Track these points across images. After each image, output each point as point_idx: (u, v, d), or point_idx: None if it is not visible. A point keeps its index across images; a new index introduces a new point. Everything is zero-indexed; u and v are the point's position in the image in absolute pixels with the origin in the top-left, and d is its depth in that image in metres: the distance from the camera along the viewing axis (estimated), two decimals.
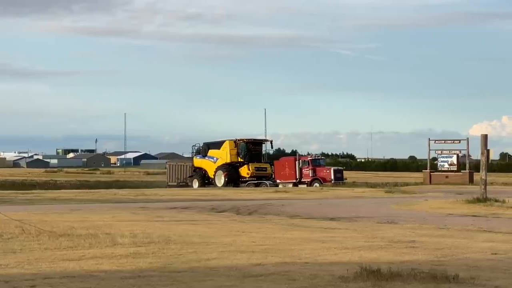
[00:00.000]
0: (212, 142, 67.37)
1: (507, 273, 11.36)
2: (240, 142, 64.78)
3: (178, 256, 13.34)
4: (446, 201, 34.03)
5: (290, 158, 64.91)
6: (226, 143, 65.04)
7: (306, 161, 62.19)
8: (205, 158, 65.93)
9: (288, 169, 62.17)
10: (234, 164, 64.12)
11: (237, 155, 64.37)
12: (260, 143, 67.33)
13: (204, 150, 66.29)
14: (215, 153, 65.35)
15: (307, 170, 61.40)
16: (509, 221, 23.22)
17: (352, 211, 28.09)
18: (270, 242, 15.83)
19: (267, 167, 65.23)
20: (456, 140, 69.50)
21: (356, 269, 10.90)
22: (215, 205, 31.59)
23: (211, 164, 65.06)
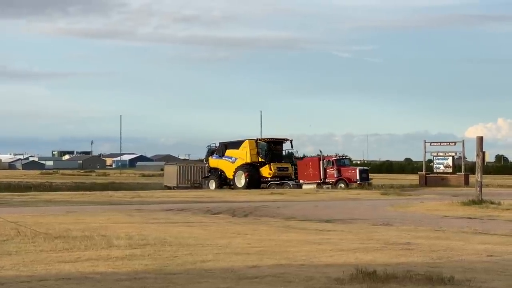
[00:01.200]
0: (230, 142, 65.37)
1: (502, 275, 11.36)
2: (261, 142, 63.09)
3: (173, 258, 13.34)
4: (441, 203, 34.04)
5: (314, 158, 62.46)
6: (246, 142, 62.94)
7: (330, 161, 59.98)
8: (222, 158, 63.76)
9: (312, 169, 60.19)
10: (254, 164, 61.98)
11: (257, 155, 62.16)
12: (281, 142, 64.52)
13: (221, 150, 64.11)
14: (234, 153, 63.19)
15: (331, 170, 59.42)
16: (504, 223, 23.24)
17: (347, 213, 28.09)
18: (266, 244, 15.82)
19: (288, 167, 62.93)
20: (452, 142, 69.55)
21: (352, 271, 10.90)
22: (210, 207, 31.57)
23: (229, 165, 62.95)
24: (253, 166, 61.82)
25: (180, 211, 28.75)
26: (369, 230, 20.26)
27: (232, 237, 17.51)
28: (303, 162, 62.15)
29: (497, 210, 29.31)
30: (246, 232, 19.18)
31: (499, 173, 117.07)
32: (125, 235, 17.37)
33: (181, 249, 14.79)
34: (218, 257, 13.49)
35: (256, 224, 22.62)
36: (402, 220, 24.23)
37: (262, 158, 62.02)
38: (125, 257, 13.42)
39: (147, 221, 22.88)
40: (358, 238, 17.53)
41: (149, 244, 15.55)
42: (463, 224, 22.76)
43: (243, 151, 62.51)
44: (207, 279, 10.86)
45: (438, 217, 26.29)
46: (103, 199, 40.12)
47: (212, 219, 24.67)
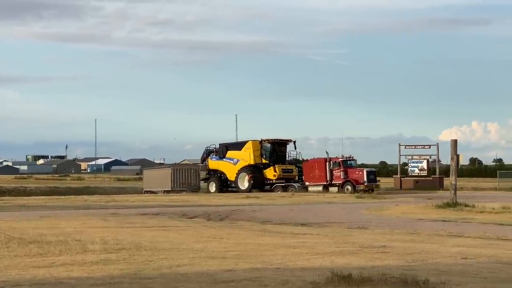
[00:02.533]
0: (231, 143, 64.45)
1: (476, 277, 11.43)
2: (265, 143, 61.39)
3: (149, 262, 13.29)
4: (416, 206, 34.21)
5: (320, 159, 60.03)
6: (249, 143, 61.60)
7: (337, 162, 58.20)
8: (223, 160, 62.32)
9: (318, 171, 58.54)
10: (258, 165, 60.69)
11: (261, 156, 60.82)
12: (285, 143, 62.88)
13: (222, 151, 62.65)
14: (236, 154, 61.77)
15: (338, 171, 57.84)
16: (478, 226, 23.38)
17: (323, 217, 28.15)
18: (241, 248, 15.81)
19: (293, 168, 61.52)
20: (426, 146, 69.91)
21: (327, 275, 10.91)
22: (186, 211, 31.52)
23: (231, 166, 61.56)
24: (257, 167, 60.63)
25: (155, 215, 28.69)
26: (345, 233, 20.31)
27: (208, 241, 17.49)
28: (309, 164, 60.51)
29: (471, 213, 29.51)
30: (222, 236, 19.16)
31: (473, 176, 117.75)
32: (100, 239, 17.29)
33: (157, 253, 14.75)
34: (193, 261, 13.47)
35: (232, 228, 22.61)
36: (377, 223, 24.31)
37: (266, 160, 60.74)
38: (100, 261, 13.35)
39: (122, 226, 22.80)
40: (334, 241, 17.56)
41: (124, 249, 15.49)
42: (438, 227, 22.86)
43: (246, 153, 61.18)
44: (182, 283, 10.83)
45: (413, 220, 26.40)
46: (78, 204, 39.94)
47: (188, 223, 24.64)
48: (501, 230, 21.67)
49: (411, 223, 24.70)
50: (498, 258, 13.96)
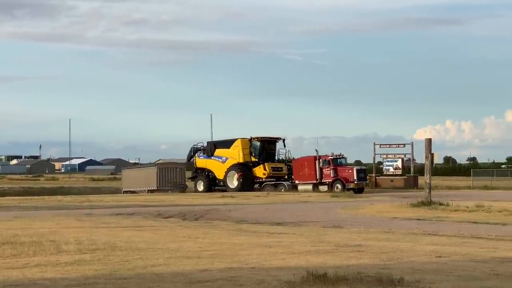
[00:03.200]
0: (219, 141, 63.68)
1: (451, 276, 11.49)
2: (254, 141, 60.88)
3: (124, 262, 13.24)
4: (391, 205, 34.36)
5: (309, 157, 59.34)
6: (238, 141, 61.04)
7: (327, 160, 57.68)
8: (211, 158, 61.82)
9: (308, 169, 58.06)
10: (247, 164, 60.18)
11: (250, 155, 60.36)
12: (274, 141, 62.50)
13: (210, 149, 62.21)
14: (224, 152, 61.24)
15: (328, 170, 57.28)
16: (453, 224, 23.51)
17: (298, 216, 28.18)
18: (217, 248, 15.80)
19: (282, 167, 61.00)
20: (401, 144, 70.25)
21: (303, 274, 10.93)
22: (161, 211, 31.44)
23: (219, 165, 61.04)
24: (246, 166, 60.05)
25: (130, 215, 28.60)
26: (320, 232, 20.34)
27: (183, 241, 17.46)
28: (298, 162, 59.99)
29: (445, 211, 29.67)
30: (197, 235, 19.14)
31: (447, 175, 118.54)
32: (74, 240, 17.21)
33: (132, 253, 14.70)
34: (169, 261, 13.43)
35: (207, 227, 22.59)
36: (353, 222, 24.38)
37: (255, 158, 60.23)
38: (74, 262, 13.29)
39: (97, 226, 22.71)
40: (309, 240, 17.59)
41: (99, 249, 15.43)
42: (413, 225, 22.97)
43: (235, 151, 60.65)
44: (158, 283, 10.80)
45: (388, 219, 26.50)
46: (52, 204, 39.73)
47: (163, 223, 24.58)
48: (475, 228, 21.80)
49: (386, 222, 24.80)
50: (472, 256, 14.05)
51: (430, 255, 14.27)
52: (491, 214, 27.77)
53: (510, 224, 23.42)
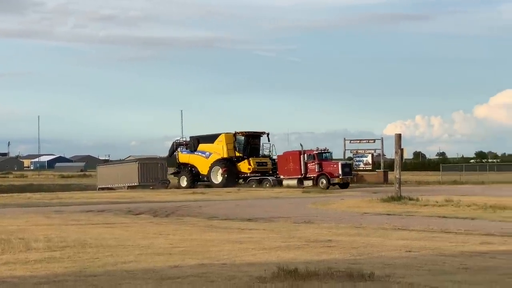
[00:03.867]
0: (203, 136, 62.51)
1: (420, 270, 11.56)
2: (239, 135, 60.19)
3: (94, 260, 13.19)
4: (361, 200, 34.48)
5: (294, 152, 58.14)
6: (222, 136, 60.23)
7: (311, 155, 56.56)
8: (194, 153, 61.14)
9: (293, 164, 56.91)
10: (232, 159, 59.45)
11: (234, 149, 59.64)
12: (259, 136, 61.66)
13: (193, 144, 61.49)
14: (208, 147, 60.52)
15: (312, 164, 56.15)
16: (422, 219, 23.65)
17: (269, 212, 28.22)
18: (188, 244, 15.78)
19: (267, 161, 60.25)
20: (371, 140, 70.43)
21: (274, 270, 10.94)
22: (131, 208, 31.34)
23: (203, 160, 60.38)
24: (231, 161, 59.46)
25: (100, 212, 28.48)
26: (291, 228, 20.38)
27: (154, 238, 17.41)
28: (283, 157, 58.87)
29: (415, 206, 29.84)
30: (168, 232, 19.10)
31: (417, 170, 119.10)
32: (44, 237, 17.11)
33: (102, 250, 14.64)
34: (139, 258, 13.39)
35: (178, 224, 22.55)
36: (323, 218, 24.46)
37: (240, 153, 59.60)
38: (44, 260, 13.21)
39: (67, 223, 22.59)
40: (280, 236, 17.62)
41: (68, 246, 15.35)
42: (383, 220, 23.08)
43: (218, 146, 60.00)
44: (128, 280, 10.77)
45: (358, 214, 26.61)
46: (21, 201, 39.44)
47: (134, 220, 24.51)
48: (444, 223, 21.96)
49: (357, 217, 24.90)
50: (441, 251, 14.15)
51: (400, 250, 14.35)
52: (460, 209, 27.98)
53: (479, 219, 23.62)
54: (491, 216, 24.69)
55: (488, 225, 21.00)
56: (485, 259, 12.93)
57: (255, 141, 61.31)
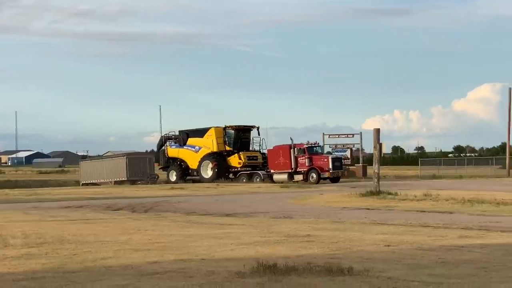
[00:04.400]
0: (192, 130, 61.81)
1: (399, 264, 11.61)
2: (229, 129, 59.59)
3: (72, 256, 13.14)
4: (340, 194, 34.56)
5: (284, 146, 57.21)
6: (211, 130, 59.70)
7: (301, 149, 55.73)
8: (183, 147, 60.59)
9: (283, 158, 56.12)
10: (222, 153, 58.96)
11: (224, 144, 59.12)
12: (249, 130, 60.99)
13: (182, 138, 60.90)
14: (197, 141, 60.00)
15: (303, 159, 55.32)
16: (401, 213, 23.75)
17: (248, 207, 28.23)
18: (167, 240, 15.76)
19: (257, 155, 59.59)
20: (350, 135, 70.62)
21: (253, 265, 10.95)
22: (110, 203, 31.27)
23: (192, 154, 59.84)
24: (221, 155, 58.83)
25: (79, 208, 28.39)
26: (270, 223, 20.40)
27: (133, 233, 17.37)
28: (274, 151, 58.06)
29: (394, 201, 29.95)
30: (147, 227, 19.07)
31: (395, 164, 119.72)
32: (21, 234, 17.04)
33: (80, 246, 14.59)
34: (118, 253, 13.36)
35: (157, 219, 22.51)
36: (302, 213, 24.49)
37: (230, 147, 58.99)
38: (21, 256, 13.15)
39: (45, 219, 22.50)
40: (259, 231, 17.63)
41: (46, 243, 15.29)
42: (362, 215, 23.15)
43: (208, 140, 59.39)
44: (107, 276, 10.74)
45: (337, 209, 26.67)
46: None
47: (112, 216, 24.45)
48: (423, 217, 22.06)
49: (335, 212, 24.95)
50: (420, 245, 14.21)
51: (379, 244, 14.40)
52: (438, 203, 28.11)
53: (457, 213, 23.75)
54: (469, 210, 24.84)
55: (466, 219, 21.11)
56: (463, 252, 13.00)
57: (246, 135, 60.64)
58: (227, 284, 9.88)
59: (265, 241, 15.26)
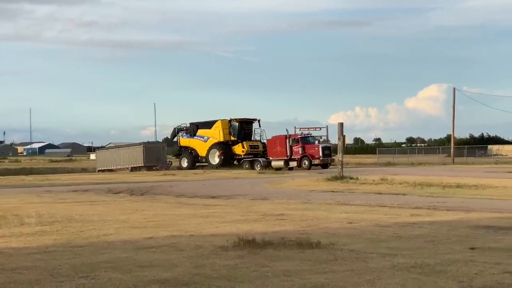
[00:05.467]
0: (201, 122, 60.95)
1: (360, 238, 11.64)
2: (233, 122, 58.67)
3: (79, 233, 13.08)
4: (309, 179, 34.58)
5: (281, 136, 56.09)
6: (218, 122, 58.87)
7: (296, 138, 54.72)
8: (193, 138, 59.80)
9: (280, 147, 55.05)
10: (227, 142, 58.14)
11: (229, 134, 58.29)
12: (251, 122, 59.94)
13: (193, 130, 60.10)
14: (206, 132, 59.30)
15: (297, 147, 54.23)
16: (361, 195, 23.79)
17: (230, 190, 28.17)
18: (160, 219, 15.71)
19: (259, 144, 58.46)
20: (317, 128, 70.36)
21: (234, 240, 10.94)
22: (111, 188, 31.11)
23: (202, 144, 59.11)
24: (226, 144, 58.24)
25: (84, 192, 28.22)
26: (249, 204, 20.37)
27: (131, 213, 17.30)
28: (272, 140, 56.71)
29: (355, 184, 30.02)
30: (143, 208, 19.00)
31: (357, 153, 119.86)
32: (35, 214, 16.93)
33: (86, 224, 14.52)
34: (118, 231, 13.31)
35: (152, 201, 22.43)
36: (277, 195, 24.47)
37: (234, 137, 58.35)
38: (35, 233, 13.07)
39: (56, 201, 22.35)
40: (239, 211, 17.60)
41: (57, 221, 15.20)
42: (328, 197, 23.16)
43: (215, 131, 58.84)
44: (109, 250, 10.70)
45: (307, 192, 26.67)
46: (16, 183, 38.93)
47: (113, 198, 24.33)
48: (380, 198, 22.11)
49: (305, 194, 24.96)
50: (377, 222, 14.25)
51: (342, 222, 14.42)
52: (393, 186, 28.18)
53: (409, 194, 23.82)
54: (419, 192, 24.92)
55: (417, 200, 21.19)
56: (414, 228, 13.05)
57: (248, 126, 59.90)
58: (212, 256, 9.86)
59: (245, 219, 15.25)
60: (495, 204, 18.97)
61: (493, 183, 28.53)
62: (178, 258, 9.72)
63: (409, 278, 8.07)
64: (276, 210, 17.55)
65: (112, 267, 9.06)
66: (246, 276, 8.32)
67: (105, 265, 9.22)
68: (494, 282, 7.79)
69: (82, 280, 8.20)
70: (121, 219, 15.60)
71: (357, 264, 9.07)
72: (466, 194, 23.59)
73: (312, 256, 9.70)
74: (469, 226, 13.28)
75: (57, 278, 8.38)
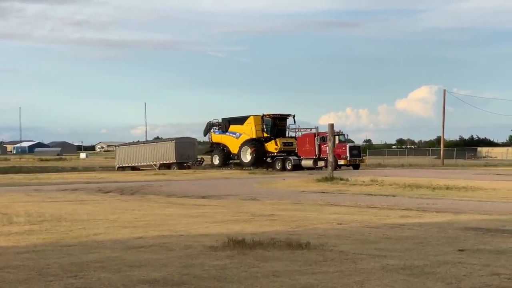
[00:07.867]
0: (233, 118, 58.51)
1: (350, 239, 11.65)
2: (266, 117, 56.29)
3: (68, 232, 13.04)
4: (300, 180, 34.62)
5: (310, 134, 53.85)
6: (251, 118, 56.54)
7: (324, 137, 50.72)
8: (225, 134, 57.58)
9: (309, 145, 52.90)
10: (260, 139, 55.88)
11: (262, 131, 55.96)
12: (285, 118, 57.24)
13: (225, 125, 57.93)
14: (238, 128, 57.02)
15: (325, 146, 50.11)
16: (351, 196, 23.82)
17: (221, 190, 28.16)
18: (150, 218, 15.69)
19: (293, 142, 55.72)
20: (308, 128, 70.35)
21: (224, 240, 10.94)
22: (101, 187, 31.05)
23: (233, 140, 56.93)
24: (259, 141, 56.01)
25: (74, 191, 28.16)
26: (239, 204, 20.37)
27: (121, 213, 17.28)
28: (302, 138, 54.59)
29: (345, 185, 30.06)
30: (133, 208, 18.97)
31: None
32: (24, 212, 16.87)
33: (76, 224, 14.49)
34: (108, 230, 13.29)
35: (142, 201, 22.40)
36: (267, 195, 24.48)
37: (267, 134, 56.00)
38: (24, 232, 13.03)
39: (45, 200, 22.29)
40: (230, 211, 17.60)
41: (46, 220, 15.16)
42: (318, 197, 23.19)
43: (248, 127, 56.53)
44: (98, 249, 10.68)
45: (297, 192, 26.70)
46: (5, 181, 38.78)
47: (103, 197, 24.28)
48: (370, 199, 22.14)
49: (295, 195, 24.98)
50: (367, 223, 14.27)
51: (332, 223, 14.44)
52: (383, 187, 28.24)
53: (399, 196, 23.87)
54: (409, 193, 24.98)
55: (406, 201, 21.23)
56: (403, 230, 13.08)
57: (282, 122, 57.39)
58: (202, 256, 9.86)
59: (235, 219, 15.25)
60: (484, 206, 19.03)
61: (483, 185, 28.64)
62: (167, 258, 9.71)
63: (398, 279, 8.09)
64: (266, 211, 17.56)
65: (102, 266, 9.04)
66: (235, 276, 8.33)
67: (94, 264, 9.20)
68: (483, 284, 7.82)
69: (71, 280, 8.18)
70: (111, 219, 15.58)
71: (346, 265, 9.08)
72: (455, 196, 23.66)
73: (301, 257, 9.70)
74: (458, 228, 13.32)
75: (46, 277, 8.37)
